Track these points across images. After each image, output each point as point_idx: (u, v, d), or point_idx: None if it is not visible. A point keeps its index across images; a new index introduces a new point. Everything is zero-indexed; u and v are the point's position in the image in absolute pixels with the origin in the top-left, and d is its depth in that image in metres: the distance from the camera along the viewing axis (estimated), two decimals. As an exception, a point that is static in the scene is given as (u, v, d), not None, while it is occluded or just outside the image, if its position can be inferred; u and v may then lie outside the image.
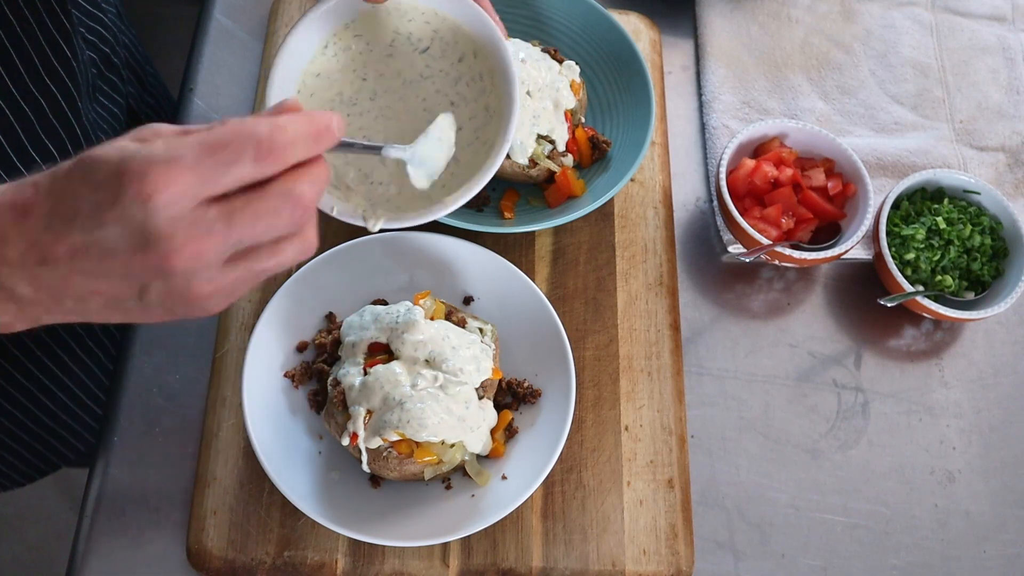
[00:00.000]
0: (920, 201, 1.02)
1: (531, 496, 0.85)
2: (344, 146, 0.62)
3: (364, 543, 0.82)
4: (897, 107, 1.14)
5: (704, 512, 0.90)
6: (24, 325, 0.56)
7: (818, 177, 1.00)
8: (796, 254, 0.96)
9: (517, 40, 0.98)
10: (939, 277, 0.97)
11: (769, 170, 0.99)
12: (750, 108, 1.11)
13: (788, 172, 0.99)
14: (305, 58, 0.79)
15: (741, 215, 0.98)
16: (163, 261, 0.51)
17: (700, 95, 1.12)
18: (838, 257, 0.98)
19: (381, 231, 0.84)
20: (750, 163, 1.00)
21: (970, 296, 0.99)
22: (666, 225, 1.01)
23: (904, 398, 0.98)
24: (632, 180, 1.03)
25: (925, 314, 0.97)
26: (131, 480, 0.86)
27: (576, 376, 0.87)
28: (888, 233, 0.99)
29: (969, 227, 0.98)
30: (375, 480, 0.84)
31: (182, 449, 0.87)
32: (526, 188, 0.99)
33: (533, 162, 0.95)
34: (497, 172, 0.96)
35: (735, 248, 1.02)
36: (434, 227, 0.92)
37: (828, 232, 1.01)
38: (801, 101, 1.12)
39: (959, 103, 1.15)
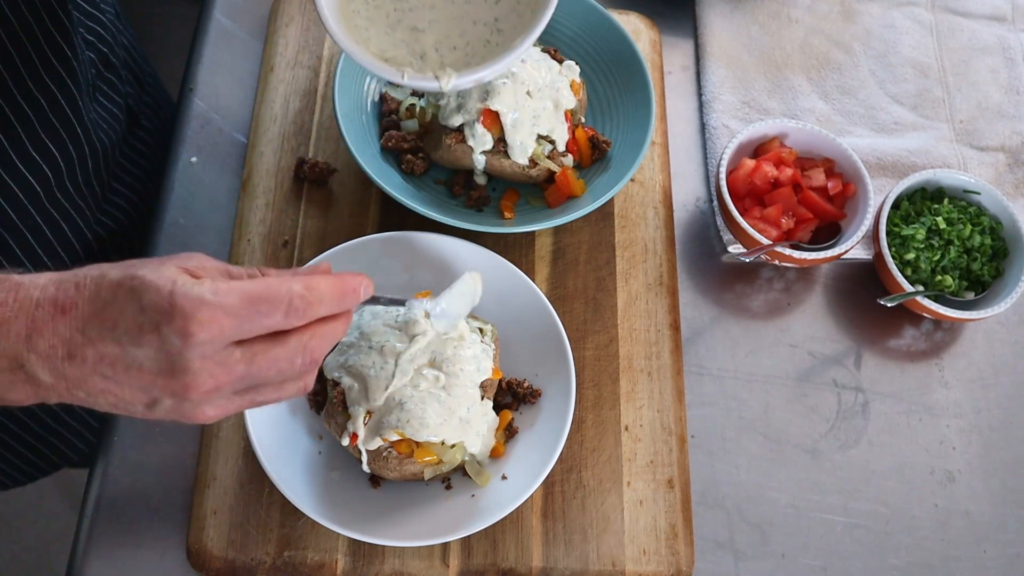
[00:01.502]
0: (920, 201, 1.02)
1: (531, 496, 0.85)
2: (371, 301, 0.68)
3: (364, 543, 0.82)
4: (897, 107, 1.14)
5: (704, 512, 0.90)
6: (32, 402, 0.61)
7: (818, 177, 1.00)
8: (796, 254, 0.96)
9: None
10: (939, 277, 0.97)
11: (769, 170, 0.99)
12: (750, 108, 1.11)
13: (788, 172, 0.99)
14: None
15: (741, 215, 0.98)
16: (184, 389, 0.57)
17: (700, 95, 1.12)
18: (838, 257, 0.98)
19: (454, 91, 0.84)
20: (750, 163, 1.00)
21: (970, 296, 0.99)
22: (666, 225, 1.01)
23: (904, 398, 0.98)
24: (632, 180, 1.03)
25: (925, 314, 0.97)
26: (131, 480, 0.86)
27: (576, 376, 0.87)
28: (888, 233, 0.99)
29: (969, 227, 0.98)
30: (375, 480, 0.84)
31: (182, 449, 0.87)
32: (526, 188, 0.99)
33: (533, 162, 0.95)
34: (497, 172, 0.96)
35: (735, 248, 1.02)
36: (434, 227, 0.92)
37: (828, 232, 1.01)
38: (801, 101, 1.12)
39: (959, 103, 1.15)
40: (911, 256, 0.97)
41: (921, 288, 0.97)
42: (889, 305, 0.94)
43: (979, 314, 0.95)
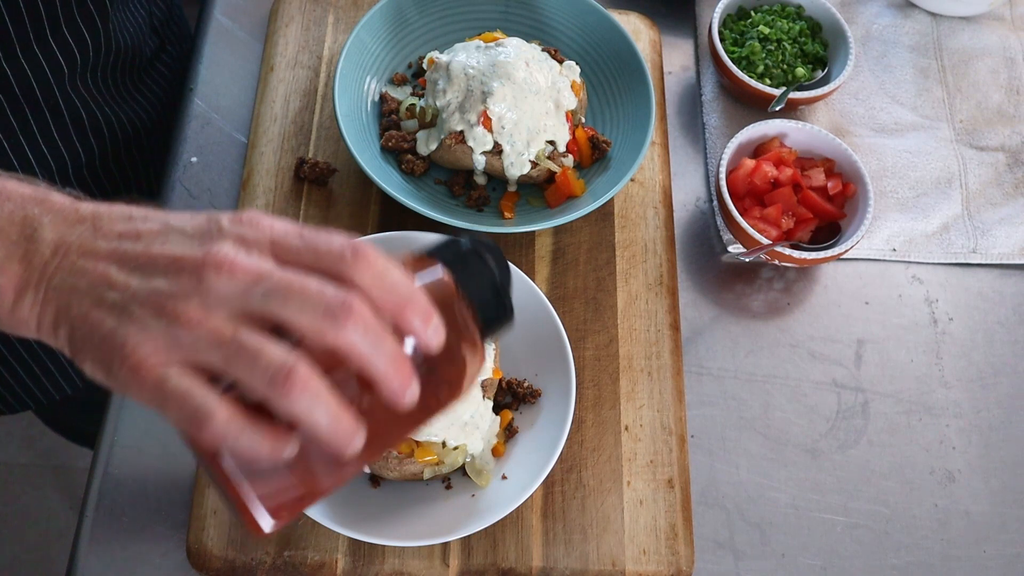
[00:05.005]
0: (734, 23, 1.13)
1: (531, 496, 0.85)
2: None
3: (364, 543, 0.82)
4: (897, 107, 1.14)
5: (704, 512, 0.90)
6: (8, 297, 0.51)
7: (818, 177, 1.00)
8: (796, 254, 0.96)
9: (518, 40, 0.98)
10: (793, 72, 1.08)
11: (769, 170, 0.99)
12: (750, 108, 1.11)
13: (788, 172, 0.99)
14: None
15: (741, 215, 0.98)
16: (202, 262, 0.47)
17: (700, 95, 1.13)
18: (838, 257, 0.98)
19: None
20: (750, 163, 1.00)
21: (819, 75, 1.10)
22: (666, 225, 1.01)
23: (904, 398, 0.98)
24: (632, 180, 1.03)
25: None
26: (131, 480, 0.86)
27: (576, 376, 0.87)
28: (729, 56, 1.08)
29: (785, 22, 1.10)
30: (375, 480, 0.84)
31: (182, 449, 0.87)
32: (526, 188, 0.99)
33: (533, 162, 0.95)
34: (497, 172, 0.96)
35: (735, 248, 1.02)
36: (434, 227, 0.92)
37: (828, 232, 1.01)
38: (801, 101, 1.12)
39: (959, 103, 1.15)
40: (760, 68, 1.08)
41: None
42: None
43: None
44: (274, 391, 0.45)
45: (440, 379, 0.52)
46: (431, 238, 0.90)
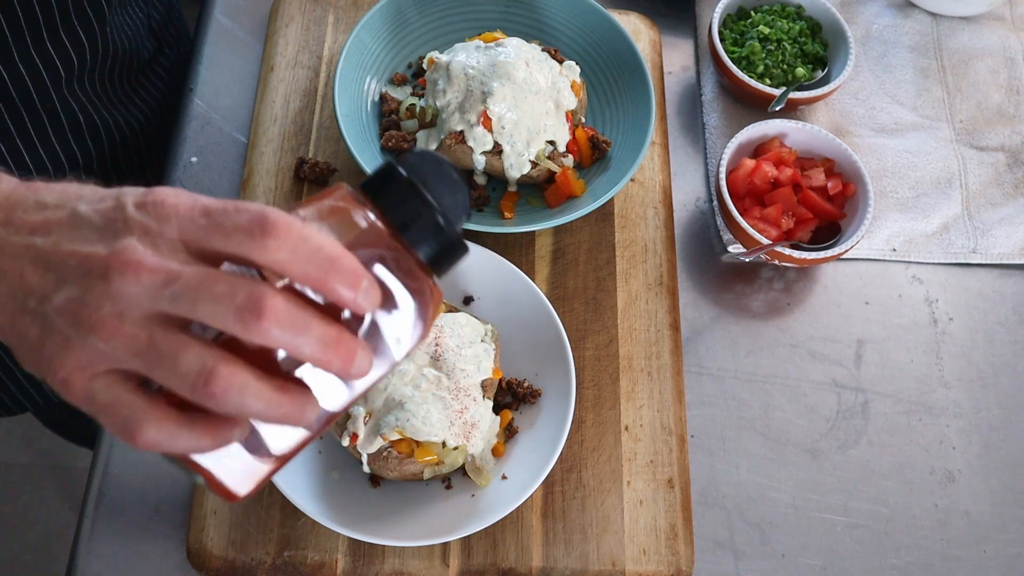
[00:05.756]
0: (734, 23, 1.13)
1: (531, 496, 0.85)
2: None
3: (364, 543, 0.82)
4: (897, 107, 1.14)
5: (704, 512, 0.90)
6: None
7: (818, 177, 1.00)
8: (796, 254, 0.96)
9: (518, 40, 0.98)
10: (793, 72, 1.08)
11: (769, 170, 0.99)
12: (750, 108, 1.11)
13: (788, 172, 0.99)
14: None
15: (741, 215, 0.98)
16: (110, 260, 0.45)
17: (700, 95, 1.13)
18: (838, 257, 0.98)
19: None
20: (750, 163, 1.00)
21: (819, 74, 1.10)
22: (666, 225, 1.01)
23: (904, 398, 0.98)
24: (632, 180, 1.03)
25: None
26: (131, 480, 0.86)
27: (576, 376, 0.87)
28: (735, 62, 1.08)
29: (785, 22, 1.10)
30: (375, 480, 0.84)
31: (182, 449, 0.87)
32: (526, 188, 0.99)
33: (533, 162, 0.95)
34: (497, 172, 0.96)
35: (735, 248, 1.02)
36: (434, 227, 0.92)
37: (828, 232, 1.01)
38: (801, 101, 1.12)
39: (959, 103, 1.15)
40: (761, 68, 1.07)
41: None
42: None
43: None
44: (198, 395, 0.44)
45: (394, 329, 0.48)
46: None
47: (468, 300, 0.92)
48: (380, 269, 0.47)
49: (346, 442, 0.79)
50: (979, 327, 1.02)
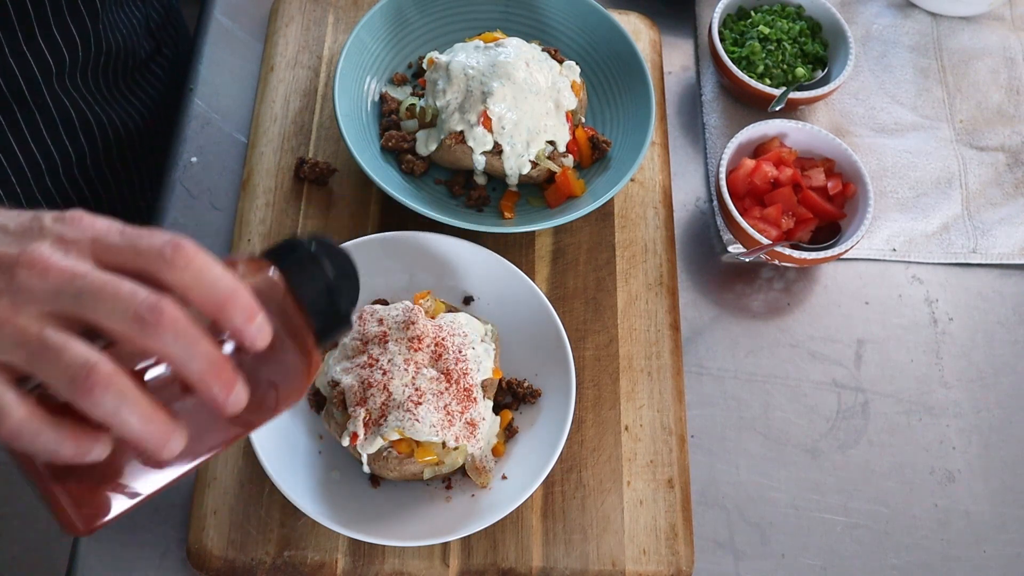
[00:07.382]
0: (734, 23, 1.13)
1: (531, 496, 0.85)
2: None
3: (364, 543, 0.82)
4: (897, 107, 1.14)
5: (704, 512, 0.90)
6: None
7: (818, 177, 1.00)
8: (796, 254, 0.96)
9: (518, 40, 0.98)
10: (793, 72, 1.08)
11: (769, 170, 0.99)
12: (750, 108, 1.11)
13: (788, 172, 0.99)
14: None
15: (741, 215, 0.98)
16: (22, 255, 0.46)
17: (700, 95, 1.13)
18: (838, 257, 0.98)
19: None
20: (750, 163, 1.00)
21: (819, 74, 1.10)
22: (666, 225, 1.01)
23: (904, 398, 0.98)
24: (632, 180, 1.03)
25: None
26: (131, 480, 0.86)
27: (576, 376, 0.87)
28: (734, 61, 1.08)
29: (785, 22, 1.10)
30: (375, 480, 0.84)
31: (182, 449, 0.87)
32: (526, 188, 0.99)
33: (533, 162, 0.95)
34: (497, 172, 0.96)
35: (735, 248, 1.02)
36: (434, 227, 0.92)
37: (828, 232, 1.01)
38: (801, 101, 1.12)
39: (959, 103, 1.15)
40: (760, 68, 1.08)
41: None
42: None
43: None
44: (74, 391, 0.44)
45: (271, 382, 0.50)
46: (431, 238, 0.91)
47: (468, 300, 0.92)
48: (272, 319, 0.49)
49: (346, 442, 0.79)
50: (979, 327, 1.02)
